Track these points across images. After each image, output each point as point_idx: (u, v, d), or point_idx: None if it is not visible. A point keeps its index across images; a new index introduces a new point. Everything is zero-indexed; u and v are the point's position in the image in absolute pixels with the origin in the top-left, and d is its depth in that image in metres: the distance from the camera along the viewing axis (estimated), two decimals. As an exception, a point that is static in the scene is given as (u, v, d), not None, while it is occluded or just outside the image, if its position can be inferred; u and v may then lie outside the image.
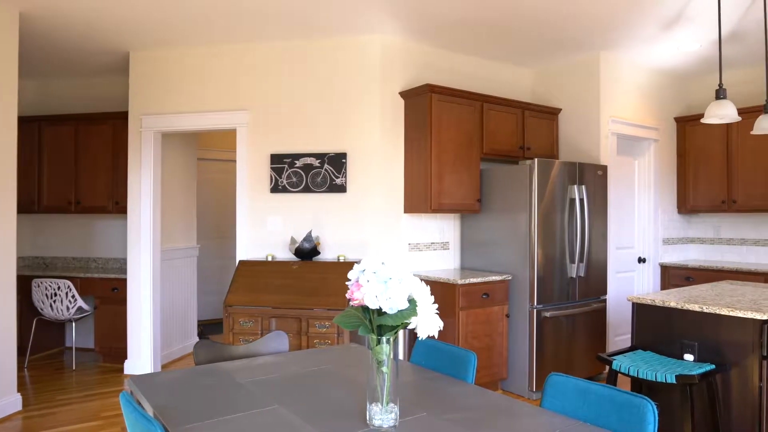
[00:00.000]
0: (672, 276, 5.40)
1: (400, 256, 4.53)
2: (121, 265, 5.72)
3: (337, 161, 4.47)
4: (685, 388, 2.70)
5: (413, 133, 4.50)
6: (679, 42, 4.64)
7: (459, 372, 2.14)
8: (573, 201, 4.44)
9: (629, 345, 5.10)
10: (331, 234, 4.51)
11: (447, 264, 4.82)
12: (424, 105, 4.38)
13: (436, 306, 1.59)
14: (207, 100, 4.77)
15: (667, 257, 5.64)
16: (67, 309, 5.01)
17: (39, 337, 5.48)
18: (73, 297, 4.98)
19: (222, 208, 7.41)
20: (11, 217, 3.92)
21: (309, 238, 4.25)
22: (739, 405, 2.77)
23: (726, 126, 5.26)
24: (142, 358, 4.91)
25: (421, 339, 2.31)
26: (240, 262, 4.29)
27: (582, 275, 4.49)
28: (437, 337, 3.98)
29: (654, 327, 3.15)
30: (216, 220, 7.37)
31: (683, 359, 2.97)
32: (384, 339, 1.56)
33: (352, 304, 1.57)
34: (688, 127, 5.59)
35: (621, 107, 5.13)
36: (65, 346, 5.88)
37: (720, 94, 3.28)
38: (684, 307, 2.96)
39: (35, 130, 5.54)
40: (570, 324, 4.43)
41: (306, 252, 4.26)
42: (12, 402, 3.92)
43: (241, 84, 4.70)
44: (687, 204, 5.61)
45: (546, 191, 4.27)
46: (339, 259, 4.30)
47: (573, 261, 4.43)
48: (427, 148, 4.34)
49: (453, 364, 2.19)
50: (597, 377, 4.65)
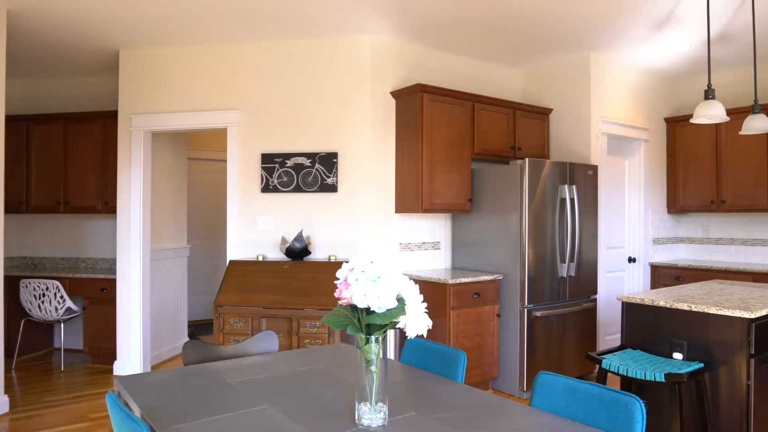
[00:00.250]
0: (662, 275, 5.44)
1: (391, 255, 4.52)
2: (111, 266, 5.68)
3: (328, 161, 4.46)
4: (674, 386, 2.72)
5: (404, 133, 4.49)
6: (669, 43, 4.67)
7: (449, 371, 2.14)
8: (564, 201, 4.46)
9: (619, 344, 5.11)
10: (322, 234, 4.50)
11: (438, 264, 4.83)
12: (415, 105, 4.38)
13: (425, 305, 1.58)
14: (197, 99, 4.74)
15: (657, 257, 5.67)
16: (56, 310, 4.96)
17: (27, 338, 5.42)
18: (62, 297, 4.94)
19: (213, 208, 7.37)
20: (-2, 217, 3.88)
21: (300, 237, 4.24)
22: (728, 403, 2.79)
23: (715, 126, 5.30)
24: (131, 359, 4.87)
25: (410, 338, 2.31)
26: (230, 262, 4.27)
27: (572, 275, 4.50)
28: (427, 337, 3.99)
29: (643, 326, 3.16)
30: (207, 220, 7.34)
31: (672, 358, 2.99)
32: (373, 338, 1.55)
33: (340, 303, 1.57)
34: (677, 128, 5.63)
35: (611, 107, 5.15)
36: (54, 347, 5.82)
37: (709, 94, 3.31)
38: (673, 306, 2.98)
39: (23, 129, 5.49)
40: (560, 323, 4.44)
41: (297, 252, 4.25)
42: (-1, 404, 3.88)
43: (232, 83, 4.68)
44: (677, 204, 5.64)
45: (537, 191, 4.28)
46: (330, 259, 4.29)
47: (563, 261, 4.45)
48: (419, 147, 4.34)
49: (443, 363, 2.19)
50: (587, 376, 4.67)
